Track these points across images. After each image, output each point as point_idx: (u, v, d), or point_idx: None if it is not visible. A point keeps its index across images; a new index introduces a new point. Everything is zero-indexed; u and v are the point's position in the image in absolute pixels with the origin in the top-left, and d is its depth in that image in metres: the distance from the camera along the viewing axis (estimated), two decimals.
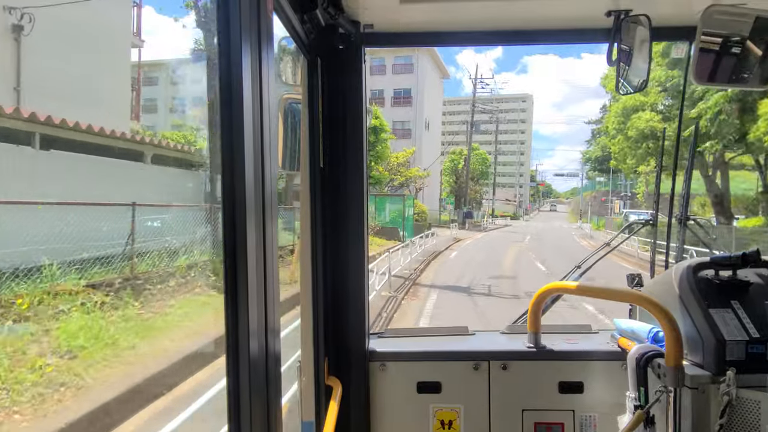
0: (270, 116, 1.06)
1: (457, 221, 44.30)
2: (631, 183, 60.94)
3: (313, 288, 1.80)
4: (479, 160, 64.60)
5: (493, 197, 62.97)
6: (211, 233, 9.92)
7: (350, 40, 1.84)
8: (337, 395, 1.83)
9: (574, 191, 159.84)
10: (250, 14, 0.95)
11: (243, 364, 0.95)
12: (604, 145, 73.22)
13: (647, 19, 1.61)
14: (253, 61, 0.97)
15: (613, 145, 28.81)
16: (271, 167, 1.06)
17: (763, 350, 1.55)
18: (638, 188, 58.20)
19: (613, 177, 62.87)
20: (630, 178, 58.58)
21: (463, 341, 2.17)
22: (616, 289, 1.87)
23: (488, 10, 1.79)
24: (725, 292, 1.69)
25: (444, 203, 51.40)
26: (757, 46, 1.64)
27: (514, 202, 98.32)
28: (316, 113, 1.79)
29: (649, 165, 50.40)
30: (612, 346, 2.00)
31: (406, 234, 26.07)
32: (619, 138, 26.84)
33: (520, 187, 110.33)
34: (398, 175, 33.19)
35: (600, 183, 71.04)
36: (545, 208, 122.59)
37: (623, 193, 61.37)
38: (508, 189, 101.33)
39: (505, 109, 64.79)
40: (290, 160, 1.76)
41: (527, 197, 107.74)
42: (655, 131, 23.00)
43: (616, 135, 27.22)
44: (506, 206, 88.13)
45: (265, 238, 1.02)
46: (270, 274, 1.04)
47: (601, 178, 69.18)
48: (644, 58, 1.66)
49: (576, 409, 1.97)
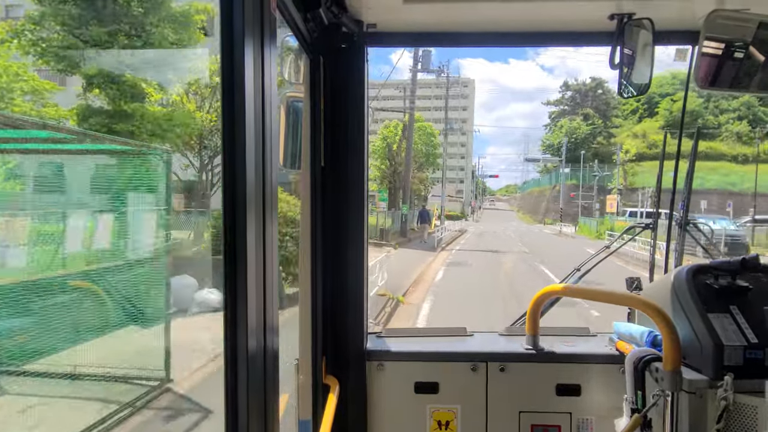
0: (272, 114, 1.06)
1: (392, 231, 27.54)
2: (607, 175, 53.71)
3: (312, 286, 1.80)
4: (424, 137, 45.59)
5: (443, 191, 44.08)
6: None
7: (353, 40, 1.84)
8: (334, 394, 1.83)
9: (509, 189, 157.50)
10: (253, 12, 0.95)
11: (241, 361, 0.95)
12: (570, 129, 66.74)
13: (650, 22, 1.61)
14: (255, 59, 0.97)
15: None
16: (272, 165, 1.06)
17: (761, 356, 1.55)
18: (613, 181, 51.46)
19: (586, 167, 54.66)
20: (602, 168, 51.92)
21: (461, 342, 2.17)
22: (615, 293, 1.87)
23: (491, 12, 1.79)
24: (724, 297, 1.69)
25: (373, 201, 30.91)
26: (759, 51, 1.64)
27: (461, 198, 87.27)
28: (318, 112, 1.79)
29: (629, 153, 47.89)
30: (610, 350, 2.00)
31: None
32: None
33: (461, 182, 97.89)
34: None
35: (564, 175, 59.96)
36: (487, 206, 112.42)
37: (592, 185, 52.88)
38: (449, 184, 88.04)
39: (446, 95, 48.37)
40: (291, 159, 1.76)
41: (469, 194, 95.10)
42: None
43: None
44: (452, 203, 74.41)
45: (264, 235, 1.03)
46: (269, 272, 1.04)
47: (566, 169, 59.49)
48: (647, 61, 1.66)
49: (573, 412, 1.97)
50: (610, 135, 64.66)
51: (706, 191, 43.26)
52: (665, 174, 2.38)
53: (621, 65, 1.74)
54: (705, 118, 54.97)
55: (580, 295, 1.94)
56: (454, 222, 49.29)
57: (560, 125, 70.16)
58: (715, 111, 56.90)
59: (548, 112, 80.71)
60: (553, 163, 58.08)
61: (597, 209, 47.55)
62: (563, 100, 77.18)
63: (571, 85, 76.16)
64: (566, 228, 44.65)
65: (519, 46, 3.14)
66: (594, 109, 68.90)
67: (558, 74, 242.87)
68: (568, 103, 75.10)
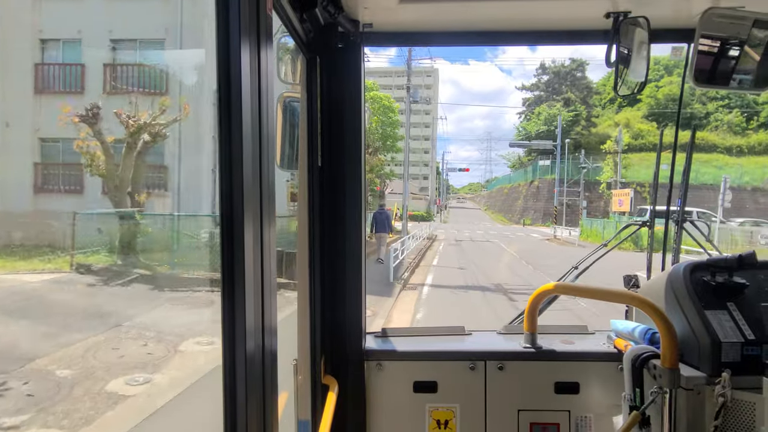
0: (269, 115, 1.06)
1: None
2: (597, 167, 45.74)
3: (310, 286, 1.80)
4: (380, 111, 36.47)
5: (405, 186, 29.89)
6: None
7: (349, 39, 1.84)
8: (333, 394, 1.83)
9: (473, 187, 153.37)
10: (249, 12, 0.95)
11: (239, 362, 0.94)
12: (549, 116, 57.42)
13: (646, 21, 1.61)
14: (252, 60, 0.97)
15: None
16: (269, 165, 1.06)
17: (758, 352, 1.56)
18: (602, 175, 44.99)
19: (569, 160, 45.34)
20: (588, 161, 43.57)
21: (459, 341, 2.17)
22: (612, 290, 1.88)
23: (487, 11, 1.79)
24: (721, 294, 1.69)
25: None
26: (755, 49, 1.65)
27: (426, 196, 77.50)
28: (314, 112, 1.79)
29: (619, 144, 40.75)
30: (608, 347, 2.00)
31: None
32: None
33: (424, 178, 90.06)
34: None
35: (542, 169, 52.69)
36: (454, 205, 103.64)
37: (577, 179, 44.24)
38: (412, 180, 75.29)
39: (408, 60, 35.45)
40: (289, 159, 1.76)
41: (433, 191, 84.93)
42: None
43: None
44: (416, 202, 65.76)
45: (262, 236, 1.02)
46: (267, 272, 1.04)
47: (546, 161, 51.38)
48: (643, 59, 1.66)
49: (572, 410, 1.98)
50: (591, 124, 57.25)
51: (702, 186, 40.09)
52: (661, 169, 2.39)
53: (617, 63, 1.74)
54: (692, 107, 51.19)
55: (578, 293, 1.95)
56: (419, 224, 39.83)
57: (537, 112, 62.00)
58: (702, 98, 52.66)
59: (522, 99, 71.65)
60: (545, 147, 46.48)
61: (584, 207, 39.85)
62: (539, 84, 68.09)
63: (549, 67, 66.54)
64: (561, 231, 36.35)
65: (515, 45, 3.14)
66: (575, 94, 60.70)
67: (516, 76, 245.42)
68: (545, 88, 66.46)
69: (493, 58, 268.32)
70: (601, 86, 62.76)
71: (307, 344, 1.79)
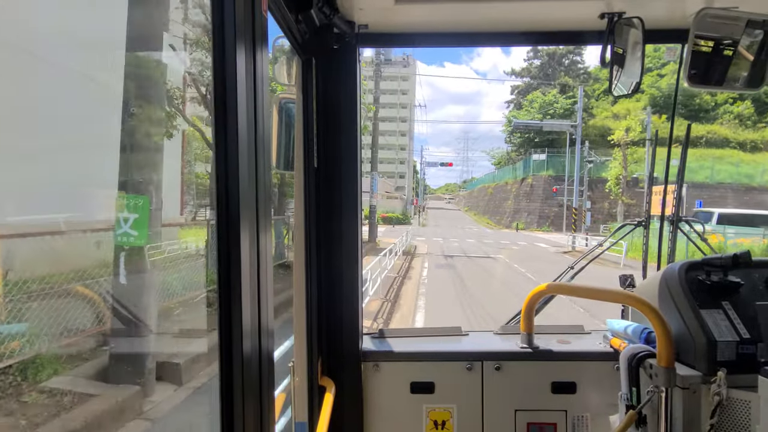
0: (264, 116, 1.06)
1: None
2: (607, 161, 37.52)
3: (306, 288, 1.80)
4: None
5: (372, 184, 26.00)
6: None
7: (345, 41, 1.83)
8: (330, 395, 1.83)
9: (449, 187, 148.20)
10: (244, 13, 0.95)
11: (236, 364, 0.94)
12: (544, 103, 50.20)
13: (640, 21, 1.62)
14: (247, 61, 0.97)
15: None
16: (265, 167, 1.05)
17: (753, 351, 1.57)
18: (609, 171, 36.57)
19: (570, 153, 36.07)
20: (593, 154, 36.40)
21: (456, 342, 2.17)
22: (608, 290, 1.89)
23: (482, 12, 1.80)
24: (716, 293, 1.70)
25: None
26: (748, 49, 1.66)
27: (402, 196, 71.37)
28: (310, 113, 1.78)
29: (630, 132, 33.27)
30: (604, 347, 2.01)
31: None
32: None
33: (401, 177, 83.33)
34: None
35: (537, 164, 46.67)
36: (431, 205, 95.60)
37: (580, 176, 31.71)
38: (386, 178, 71.43)
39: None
40: (285, 160, 1.75)
41: (410, 190, 79.44)
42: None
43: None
44: (390, 202, 60.36)
45: (258, 238, 1.02)
46: (263, 274, 1.04)
47: (542, 155, 46.06)
48: (637, 60, 1.67)
49: (568, 410, 1.98)
50: (590, 115, 50.63)
51: (719, 186, 35.96)
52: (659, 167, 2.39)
53: (612, 64, 1.75)
54: (701, 97, 45.81)
55: (574, 293, 1.95)
56: (393, 229, 32.46)
57: (530, 99, 54.42)
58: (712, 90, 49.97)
59: (511, 86, 65.81)
60: (560, 128, 38.84)
61: (588, 209, 31.76)
62: (530, 69, 62.88)
63: (541, 49, 59.66)
64: (581, 239, 26.93)
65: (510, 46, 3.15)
66: (573, 80, 54.88)
67: (492, 76, 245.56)
68: (537, 74, 61.29)
69: (468, 61, 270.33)
70: (598, 71, 57.30)
71: (304, 346, 1.79)
